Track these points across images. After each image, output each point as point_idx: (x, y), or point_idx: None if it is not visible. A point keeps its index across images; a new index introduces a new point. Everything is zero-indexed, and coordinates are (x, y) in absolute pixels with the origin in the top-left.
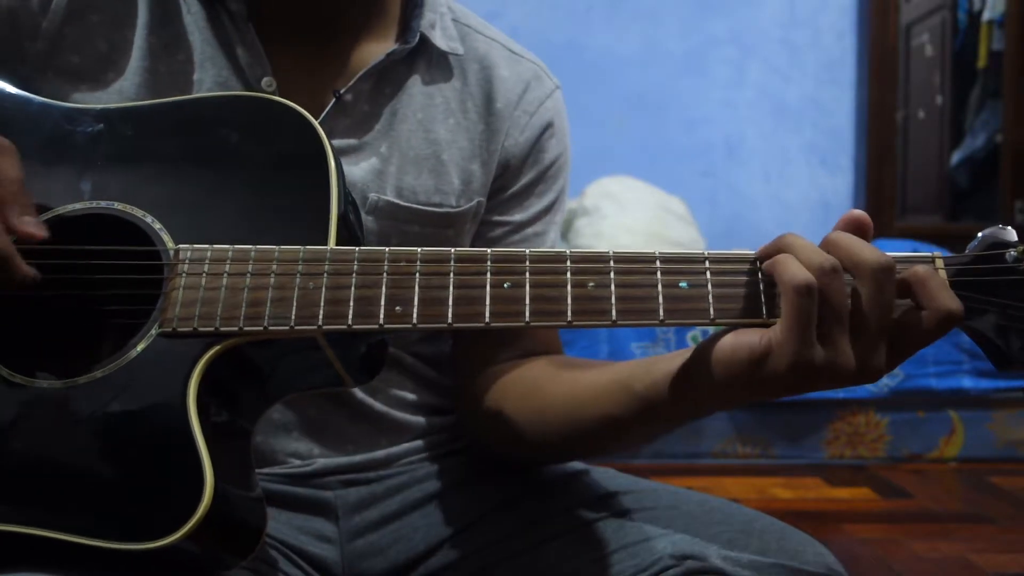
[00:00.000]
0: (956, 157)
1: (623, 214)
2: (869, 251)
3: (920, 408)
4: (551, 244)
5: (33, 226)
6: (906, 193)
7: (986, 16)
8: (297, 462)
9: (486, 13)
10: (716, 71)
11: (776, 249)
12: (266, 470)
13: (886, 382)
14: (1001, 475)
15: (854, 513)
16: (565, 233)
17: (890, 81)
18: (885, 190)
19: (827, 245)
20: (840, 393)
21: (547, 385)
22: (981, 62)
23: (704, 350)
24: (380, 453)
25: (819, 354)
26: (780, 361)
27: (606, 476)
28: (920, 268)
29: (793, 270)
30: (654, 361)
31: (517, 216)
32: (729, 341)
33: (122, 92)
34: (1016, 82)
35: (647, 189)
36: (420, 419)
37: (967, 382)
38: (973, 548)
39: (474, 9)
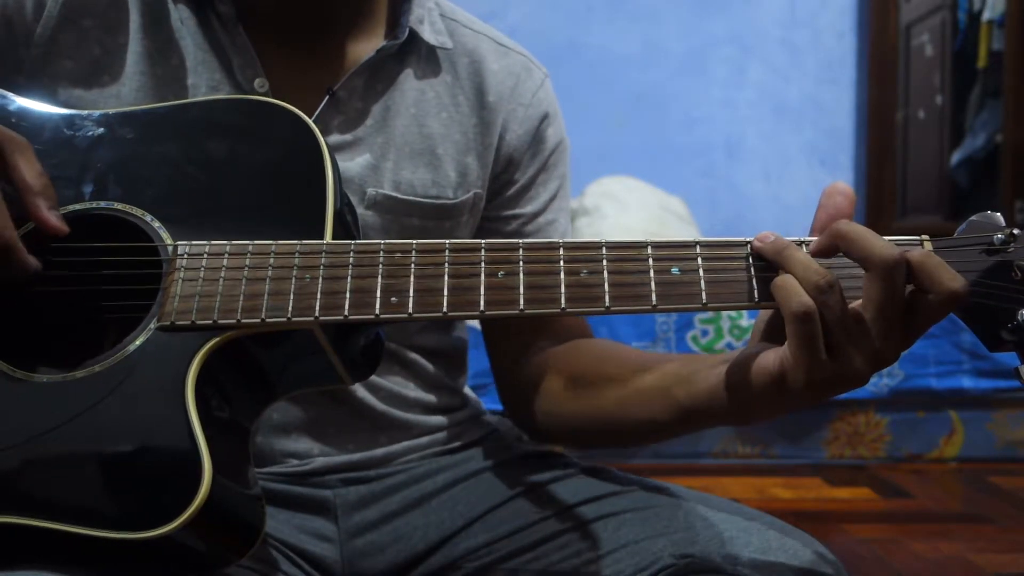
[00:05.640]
0: (956, 157)
1: (623, 214)
2: (880, 245)
3: (920, 408)
4: (563, 230)
5: (58, 220)
6: (906, 193)
7: (986, 16)
8: (295, 462)
9: (486, 13)
10: (716, 71)
11: (774, 259)
12: (265, 469)
13: (886, 382)
14: (1001, 475)
15: (854, 513)
16: None
17: (890, 81)
18: (885, 190)
19: (836, 237)
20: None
21: (593, 387)
22: (981, 62)
23: (734, 371)
24: (379, 451)
25: (829, 367)
26: (796, 381)
27: (606, 475)
28: (916, 252)
29: (792, 297)
30: (695, 371)
31: (528, 208)
32: (751, 365)
33: (120, 96)
34: (1016, 82)
35: (647, 189)
36: (420, 417)
37: (967, 382)
38: (973, 548)
39: (474, 8)
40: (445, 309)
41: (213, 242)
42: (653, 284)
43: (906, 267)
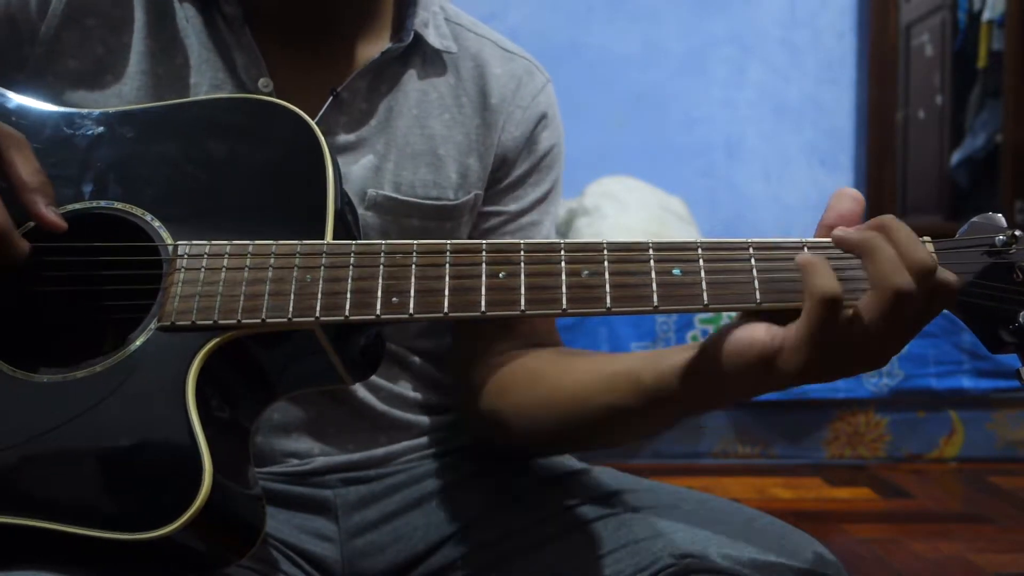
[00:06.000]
0: (956, 157)
1: (623, 214)
2: (923, 250)
3: (920, 408)
4: (545, 234)
5: (56, 216)
6: (906, 193)
7: (986, 16)
8: (295, 461)
9: (486, 14)
10: (716, 71)
11: (877, 227)
12: (265, 469)
13: (886, 382)
14: (1001, 475)
15: (854, 513)
16: (565, 233)
17: (890, 81)
18: (885, 190)
19: (880, 227)
20: (840, 393)
21: (553, 374)
22: (981, 62)
23: (714, 344)
24: (379, 451)
25: (829, 359)
26: (789, 363)
27: (606, 475)
28: None
29: (820, 277)
30: (662, 354)
31: (512, 206)
32: (740, 337)
33: (121, 95)
34: (1016, 82)
35: (647, 189)
36: (420, 417)
37: (967, 382)
38: (973, 548)
39: (474, 10)
40: (446, 309)
41: (213, 242)
42: (655, 285)
43: None
